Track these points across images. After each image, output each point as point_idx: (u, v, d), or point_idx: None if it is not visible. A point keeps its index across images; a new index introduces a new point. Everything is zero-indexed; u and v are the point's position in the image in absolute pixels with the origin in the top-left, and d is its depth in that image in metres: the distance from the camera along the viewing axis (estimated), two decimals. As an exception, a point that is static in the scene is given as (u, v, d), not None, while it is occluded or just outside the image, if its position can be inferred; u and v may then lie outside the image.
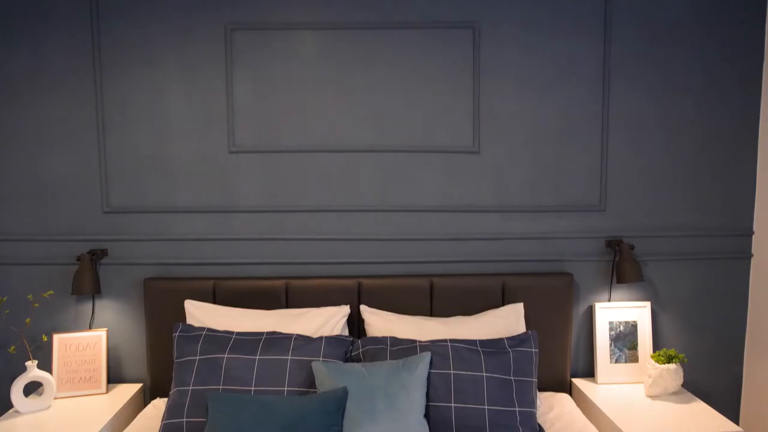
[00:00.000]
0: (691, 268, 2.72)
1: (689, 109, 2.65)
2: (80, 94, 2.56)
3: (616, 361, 2.62)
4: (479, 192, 2.65)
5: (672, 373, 2.43)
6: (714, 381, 2.77)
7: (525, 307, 2.51)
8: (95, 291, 2.54)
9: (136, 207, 2.62)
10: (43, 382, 2.41)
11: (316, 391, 2.10)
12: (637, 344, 2.63)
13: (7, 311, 2.56)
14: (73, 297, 2.64)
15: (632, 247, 2.62)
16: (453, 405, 2.07)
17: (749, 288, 2.75)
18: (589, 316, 2.71)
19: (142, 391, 2.64)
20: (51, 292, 2.56)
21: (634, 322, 2.64)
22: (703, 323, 2.75)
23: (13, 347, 2.49)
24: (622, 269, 2.57)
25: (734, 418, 2.78)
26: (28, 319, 2.53)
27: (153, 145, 2.59)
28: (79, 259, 2.55)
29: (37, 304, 2.55)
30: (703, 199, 2.70)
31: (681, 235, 2.71)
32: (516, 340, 2.26)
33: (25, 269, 2.62)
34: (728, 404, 2.78)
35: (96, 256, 2.59)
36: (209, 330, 2.29)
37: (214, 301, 2.52)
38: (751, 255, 2.73)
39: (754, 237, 2.72)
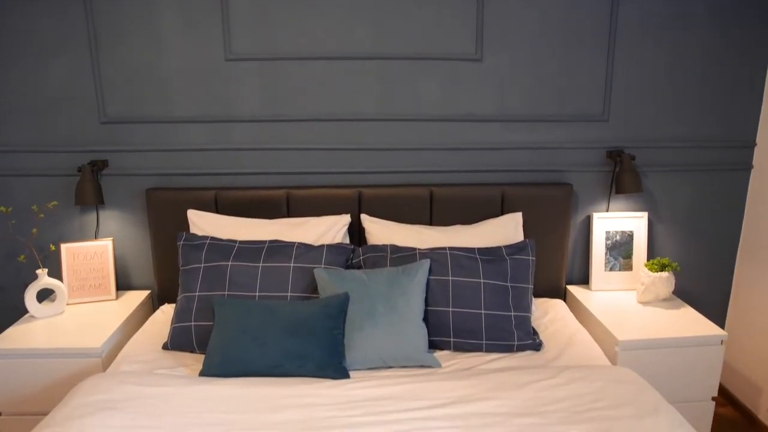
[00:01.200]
0: (690, 180, 2.73)
1: (699, 18, 2.56)
2: (70, 2, 2.46)
3: (611, 270, 2.69)
4: (481, 101, 2.61)
5: (664, 280, 2.50)
6: (704, 289, 2.86)
7: (524, 216, 2.55)
8: (98, 202, 2.57)
9: (134, 117, 2.59)
10: (54, 289, 2.49)
11: (318, 297, 2.17)
12: (632, 253, 2.69)
13: (13, 222, 2.60)
14: (77, 208, 2.67)
15: (633, 158, 2.61)
16: (451, 310, 2.15)
17: (747, 199, 2.77)
18: (587, 225, 2.75)
19: (150, 297, 2.73)
20: (55, 202, 2.59)
21: (631, 232, 2.69)
22: (698, 233, 2.79)
23: (22, 256, 2.55)
24: (622, 180, 2.58)
25: (720, 323, 2.90)
26: (34, 230, 2.57)
27: (147, 53, 2.52)
28: (80, 170, 2.56)
29: (42, 215, 2.59)
30: (707, 111, 2.67)
31: (682, 146, 2.69)
32: (514, 249, 2.31)
33: (27, 180, 2.63)
34: (716, 311, 2.89)
35: (96, 167, 2.59)
36: (212, 239, 2.33)
37: (216, 211, 2.55)
38: (752, 167, 2.73)
39: (756, 149, 2.71)
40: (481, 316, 2.14)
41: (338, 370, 1.96)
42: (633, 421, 1.67)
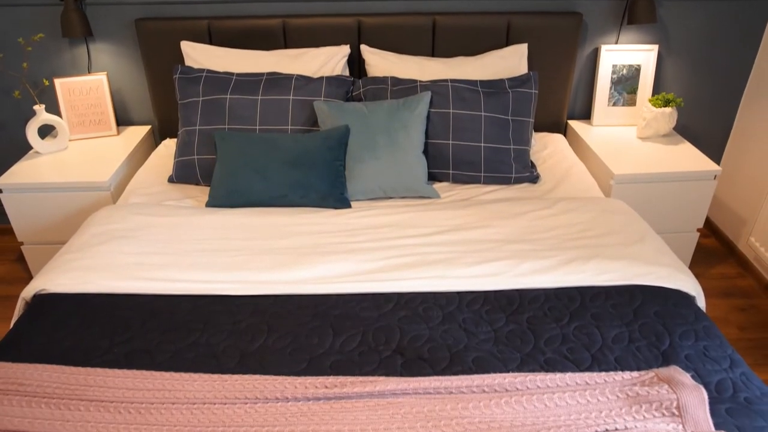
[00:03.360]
0: (706, 9, 2.58)
1: None
2: None
3: (614, 104, 2.66)
4: None
5: (666, 116, 2.49)
6: (705, 125, 2.85)
7: (529, 48, 2.46)
8: (86, 33, 2.46)
9: (113, -63, 2.39)
10: (55, 126, 2.48)
11: (318, 130, 2.18)
12: (637, 88, 2.64)
13: (1, 55, 2.52)
14: (65, 41, 2.56)
15: (649, -16, 2.45)
16: (451, 142, 2.16)
17: (765, 30, 2.64)
18: (593, 58, 2.66)
19: (151, 132, 2.74)
20: (41, 35, 2.48)
21: (638, 65, 2.61)
22: (707, 67, 2.71)
23: (17, 92, 2.51)
24: (636, 9, 2.44)
25: (717, 159, 2.93)
26: (24, 63, 2.50)
27: None
28: (62, -2, 2.42)
29: (30, 48, 2.50)
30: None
31: (704, -29, 2.51)
32: (517, 81, 2.26)
33: (10, 11, 2.49)
34: (714, 147, 2.91)
35: (80, -6, 2.44)
36: (209, 71, 2.28)
37: (210, 43, 2.45)
38: (775, -7, 2.57)
39: (782, -28, 2.53)
40: (480, 148, 2.16)
41: (340, 200, 2.03)
42: (620, 248, 1.77)
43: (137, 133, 2.67)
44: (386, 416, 1.21)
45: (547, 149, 2.49)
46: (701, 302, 1.70)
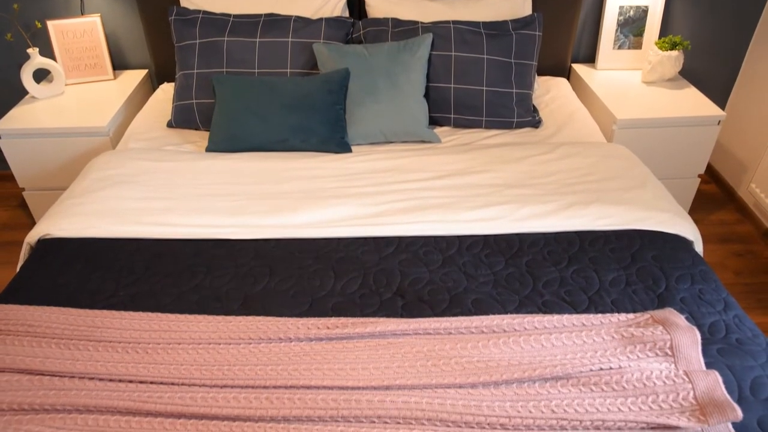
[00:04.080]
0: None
1: None
2: None
3: (619, 48, 2.60)
4: None
5: (672, 60, 2.44)
6: (712, 69, 2.80)
7: (534, -12, 2.39)
8: (77, -28, 2.38)
9: None
10: (50, 70, 2.44)
11: (318, 73, 2.14)
12: (643, 30, 2.57)
13: (-9, -5, 2.45)
14: (55, -20, 2.49)
15: None
16: (452, 86, 2.13)
17: (777, -31, 2.56)
18: (599, 0, 2.59)
19: (148, 76, 2.69)
20: (30, -27, 2.41)
21: (646, 6, 2.54)
22: (718, 9, 2.64)
23: (9, 34, 2.46)
24: (645, -54, 2.36)
25: (722, 104, 2.89)
26: (15, 5, 2.43)
27: None
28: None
29: (18, -13, 2.43)
30: None
31: None
32: (520, 23, 2.20)
33: (-4, -53, 2.42)
34: (720, 92, 2.86)
35: (69, -70, 2.36)
36: (205, 12, 2.22)
37: (206, -18, 2.38)
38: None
39: None
40: (482, 92, 2.13)
41: (340, 145, 2.02)
42: (620, 193, 1.77)
43: (134, 77, 2.62)
44: (387, 356, 1.25)
45: (550, 93, 2.45)
46: (699, 247, 1.72)
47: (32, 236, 1.68)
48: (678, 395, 1.16)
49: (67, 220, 1.68)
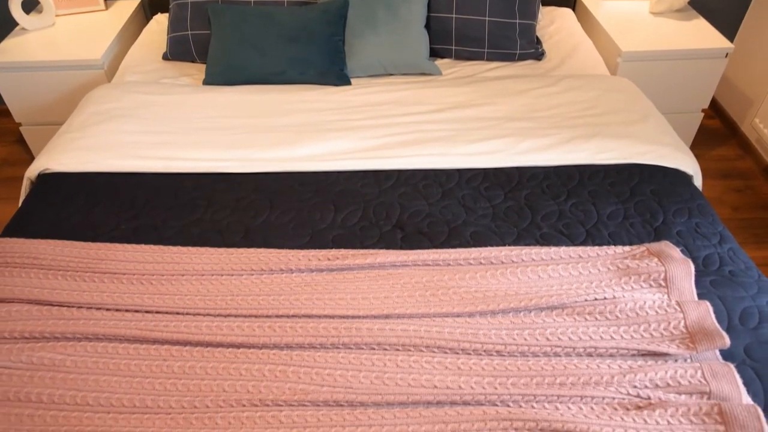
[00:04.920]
0: None
1: None
2: None
3: (628, -24, 2.51)
4: None
5: (682, -11, 2.36)
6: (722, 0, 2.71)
7: None
8: None
9: None
10: (39, 0, 2.37)
11: (316, 2, 2.08)
12: (654, -43, 2.47)
13: None
14: None
15: None
16: (454, 16, 2.07)
17: None
18: (610, -76, 2.48)
19: (141, 7, 2.61)
20: None
21: (657, -69, 2.43)
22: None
23: (-6, -39, 2.37)
24: None
25: (730, 36, 2.82)
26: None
27: None
28: None
29: None
30: None
31: None
32: (526, -51, 2.12)
33: None
34: (729, 24, 2.78)
35: None
36: (197, -62, 2.13)
37: None
38: None
39: None
40: (484, 23, 2.07)
41: (340, 77, 1.98)
42: (621, 127, 1.75)
43: (126, 7, 2.54)
44: (386, 286, 1.27)
45: (554, 24, 2.38)
46: (698, 182, 1.72)
47: (32, 171, 1.68)
48: (669, 324, 1.19)
49: (65, 154, 1.68)
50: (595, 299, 1.24)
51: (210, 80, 2.00)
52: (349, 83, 2.00)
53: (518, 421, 1.04)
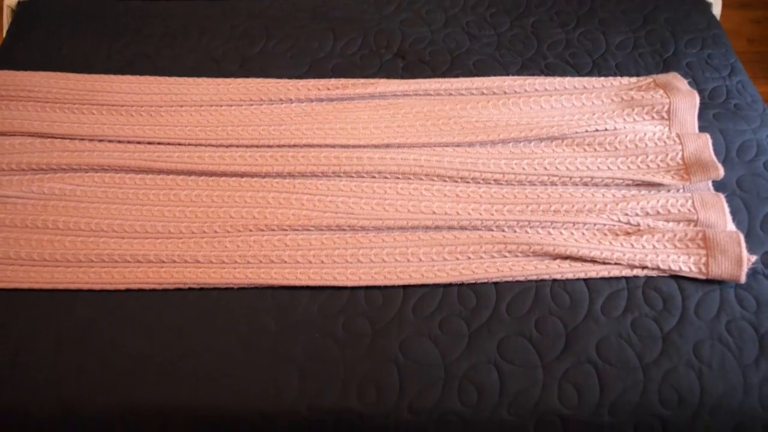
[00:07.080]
0: None
1: None
2: None
3: None
4: None
5: None
6: None
7: None
8: None
9: None
10: None
11: None
12: None
13: None
14: None
15: None
16: None
17: None
18: None
19: None
20: None
21: None
22: None
23: None
24: None
25: None
26: None
27: None
28: None
29: None
30: None
31: None
32: None
33: None
34: None
35: None
36: None
37: None
38: None
39: None
40: None
41: None
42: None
43: None
44: (387, 116, 1.27)
45: None
46: (717, 10, 1.63)
47: (10, -1, 1.59)
48: (667, 155, 1.20)
49: (44, -24, 1.57)
50: (596, 130, 1.24)
51: None
52: None
53: (512, 245, 1.09)
